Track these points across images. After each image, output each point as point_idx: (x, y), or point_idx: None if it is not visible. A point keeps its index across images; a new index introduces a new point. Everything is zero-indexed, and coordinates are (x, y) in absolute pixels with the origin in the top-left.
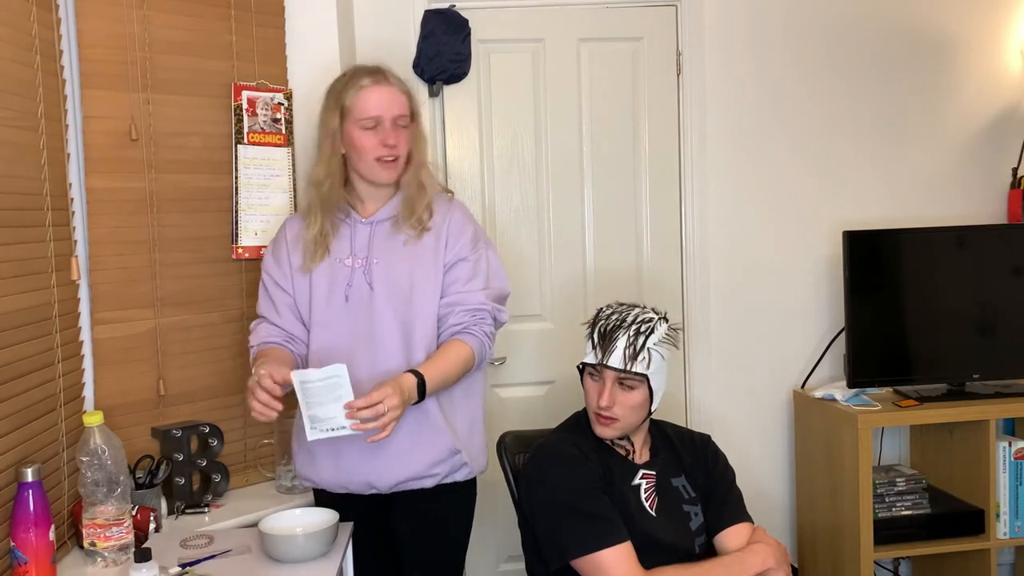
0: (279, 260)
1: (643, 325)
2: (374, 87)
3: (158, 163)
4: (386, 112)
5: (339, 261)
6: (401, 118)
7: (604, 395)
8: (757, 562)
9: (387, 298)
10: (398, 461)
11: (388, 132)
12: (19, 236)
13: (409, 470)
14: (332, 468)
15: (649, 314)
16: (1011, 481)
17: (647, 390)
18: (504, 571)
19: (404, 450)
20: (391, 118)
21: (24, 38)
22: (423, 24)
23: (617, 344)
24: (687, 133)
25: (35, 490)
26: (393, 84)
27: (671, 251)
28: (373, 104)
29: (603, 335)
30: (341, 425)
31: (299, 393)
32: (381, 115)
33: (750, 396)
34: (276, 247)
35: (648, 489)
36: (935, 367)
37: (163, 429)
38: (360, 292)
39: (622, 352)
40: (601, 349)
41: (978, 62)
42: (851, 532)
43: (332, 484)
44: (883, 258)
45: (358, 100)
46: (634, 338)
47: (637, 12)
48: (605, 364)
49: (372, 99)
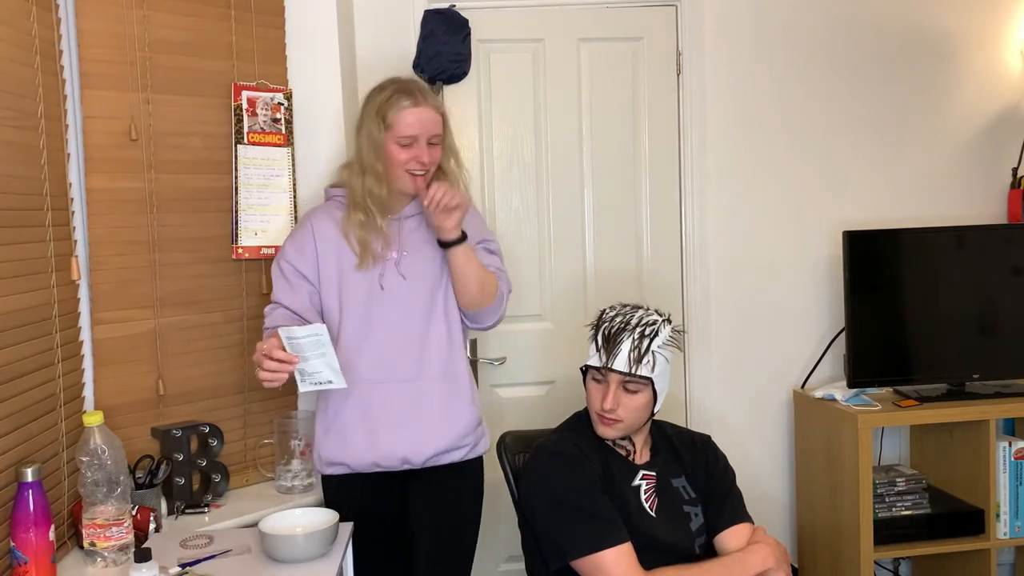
0: (303, 251)
1: (648, 328)
2: (413, 108)
3: (158, 163)
4: (422, 132)
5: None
6: (435, 137)
7: (608, 398)
8: (757, 562)
9: (418, 288)
10: (433, 432)
11: (423, 150)
12: (19, 236)
13: (442, 441)
14: (366, 445)
15: (653, 316)
16: (1011, 481)
17: (651, 392)
18: (504, 571)
19: (436, 422)
20: (427, 136)
21: (24, 38)
22: (423, 24)
23: (622, 347)
24: (687, 133)
25: (35, 490)
26: (431, 105)
27: (671, 251)
28: (413, 125)
29: (607, 338)
30: (328, 379)
31: (287, 349)
32: (418, 134)
33: (750, 396)
34: (301, 239)
35: (648, 490)
36: (935, 367)
37: (163, 429)
38: (393, 282)
39: (627, 355)
40: (606, 352)
41: (978, 62)
42: (851, 532)
43: (364, 463)
44: (883, 258)
45: (399, 118)
46: (639, 341)
47: (637, 12)
48: (610, 368)
49: (412, 119)
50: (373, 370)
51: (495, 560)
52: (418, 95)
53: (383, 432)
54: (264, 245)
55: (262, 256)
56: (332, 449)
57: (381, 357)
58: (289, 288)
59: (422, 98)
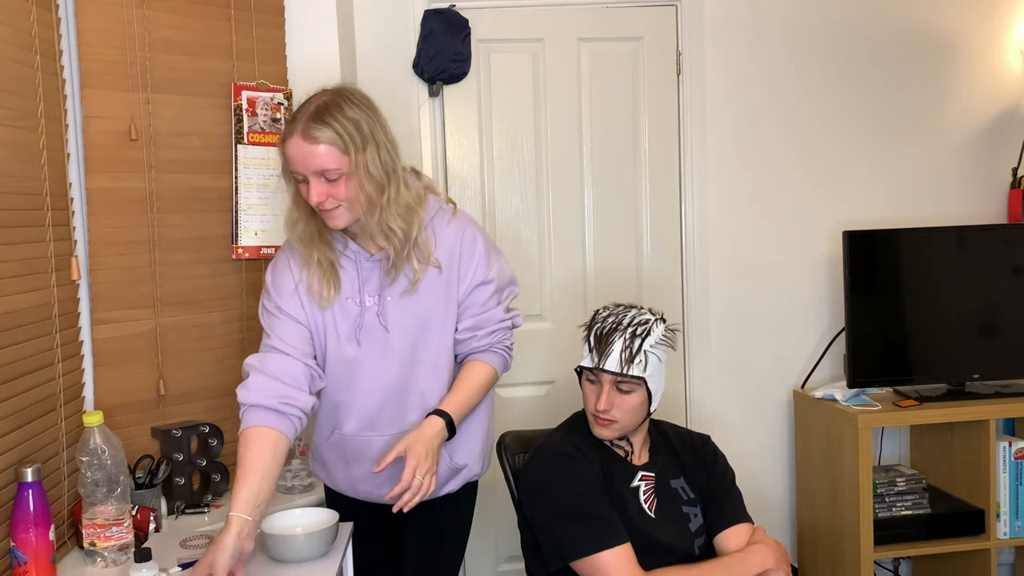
0: (285, 291)
1: (639, 328)
2: (293, 139)
3: (158, 163)
4: (304, 168)
5: (347, 300)
6: (331, 172)
7: (602, 398)
8: (757, 562)
9: (402, 337)
10: None
11: (312, 187)
12: (19, 236)
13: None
14: (347, 487)
15: (646, 315)
16: (1011, 481)
17: (645, 392)
18: (504, 571)
19: None
20: (312, 172)
21: (24, 38)
22: (423, 24)
23: (613, 347)
24: (687, 133)
25: (35, 490)
26: (314, 138)
27: (671, 251)
28: (292, 157)
29: (599, 338)
30: None
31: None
32: (301, 171)
33: (750, 396)
34: (281, 279)
35: (647, 491)
36: (935, 367)
37: (163, 429)
38: (373, 333)
39: (618, 356)
40: (597, 353)
41: (978, 62)
42: (851, 532)
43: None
44: (883, 258)
45: (284, 150)
46: (630, 341)
47: (637, 12)
48: (602, 368)
49: (291, 153)
50: (355, 425)
51: (495, 560)
52: (300, 123)
53: (363, 481)
54: (264, 245)
55: (262, 256)
56: (320, 472)
57: (363, 413)
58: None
59: (305, 126)
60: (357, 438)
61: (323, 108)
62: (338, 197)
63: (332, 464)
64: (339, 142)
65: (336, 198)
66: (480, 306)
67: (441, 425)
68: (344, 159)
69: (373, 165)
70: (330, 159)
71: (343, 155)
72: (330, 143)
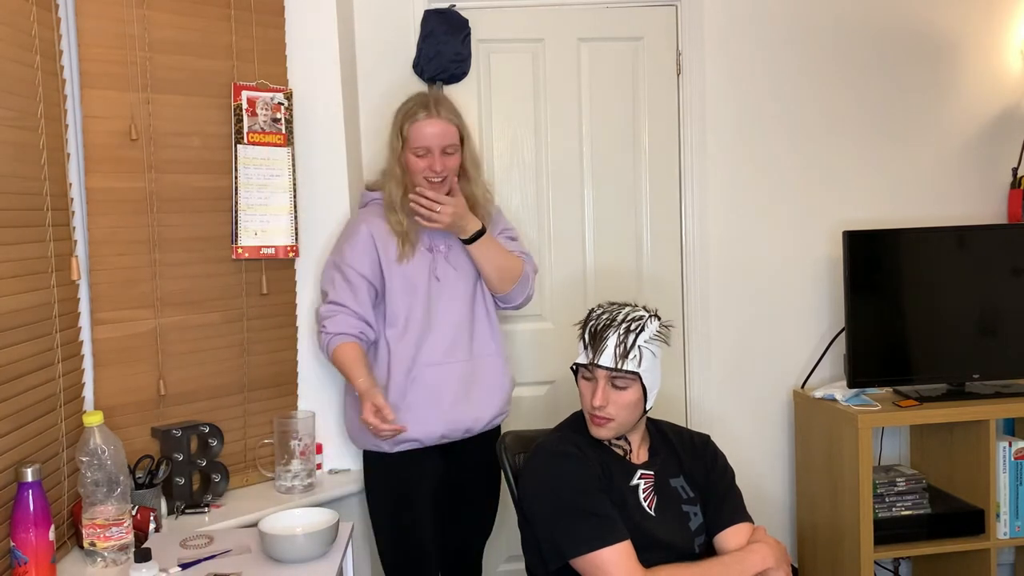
0: (363, 254)
1: (633, 323)
2: (427, 120)
3: (158, 163)
4: (435, 143)
5: (424, 251)
6: (450, 147)
7: (597, 395)
8: (757, 561)
9: (465, 277)
10: (489, 402)
11: (436, 159)
12: (19, 236)
13: (495, 409)
14: (436, 421)
15: (639, 312)
16: (1011, 481)
17: (640, 388)
18: (504, 571)
19: (490, 394)
20: (440, 147)
21: (24, 38)
22: (423, 24)
23: (608, 343)
24: (687, 133)
25: (35, 490)
26: (444, 117)
27: (671, 251)
28: (427, 134)
29: (594, 335)
30: None
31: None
32: (431, 145)
33: (750, 396)
34: (357, 241)
35: (646, 489)
36: (935, 367)
37: (163, 429)
38: (446, 273)
39: (613, 351)
40: (592, 349)
41: (978, 62)
42: (851, 532)
43: (433, 436)
44: (883, 258)
45: (412, 131)
46: (624, 336)
47: (637, 12)
48: (596, 364)
49: (425, 131)
50: (438, 355)
51: (495, 560)
52: (432, 108)
53: (450, 408)
54: (264, 245)
55: (262, 256)
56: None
57: (443, 344)
58: (350, 290)
59: (435, 111)
60: (439, 366)
61: (440, 98)
62: (452, 169)
63: (419, 406)
64: (459, 123)
65: (451, 169)
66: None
67: (478, 224)
68: (460, 138)
69: (473, 145)
70: (454, 135)
71: (460, 134)
72: (454, 124)
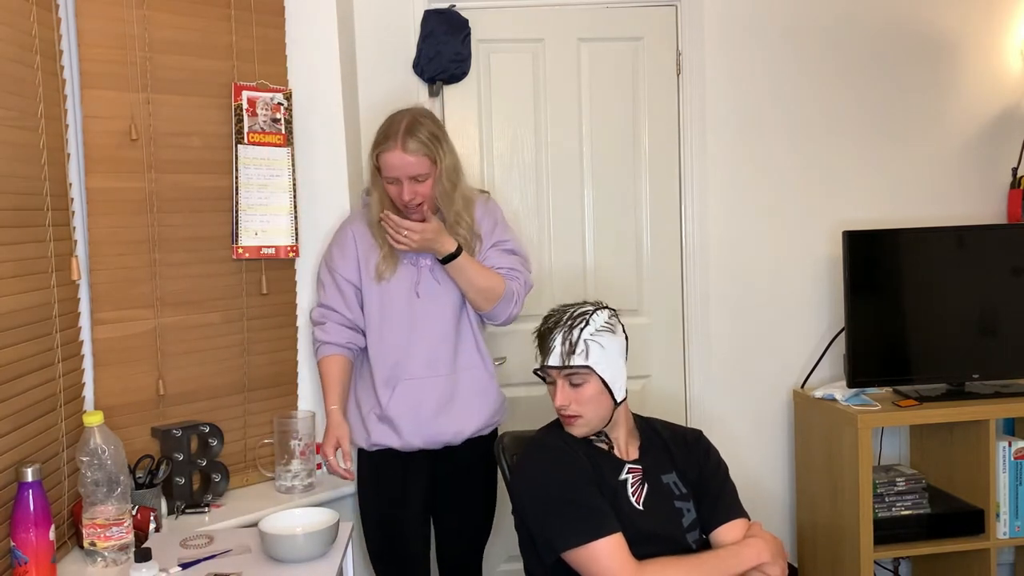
0: (348, 260)
1: (577, 320)
2: (394, 152)
3: (158, 163)
4: (401, 174)
5: (408, 265)
6: (420, 175)
7: (558, 395)
8: (752, 555)
9: (450, 291)
10: (470, 417)
11: (404, 188)
12: (19, 236)
13: (477, 421)
14: (414, 432)
15: (584, 308)
16: (1011, 481)
17: (598, 381)
18: (504, 571)
19: (472, 408)
20: (407, 177)
21: (24, 38)
22: (423, 24)
23: (555, 343)
24: (687, 133)
25: (35, 490)
26: (409, 150)
27: (671, 251)
28: (392, 165)
29: (542, 338)
30: None
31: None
32: (398, 176)
33: (750, 396)
34: (344, 248)
35: (634, 483)
36: (935, 367)
37: (163, 429)
38: (428, 288)
39: (559, 350)
40: (542, 352)
41: (978, 62)
42: (851, 532)
43: (411, 446)
44: (883, 258)
45: (381, 160)
46: (568, 334)
47: (637, 12)
48: (547, 365)
49: (391, 163)
50: (419, 369)
51: (495, 560)
52: (397, 139)
53: (430, 422)
54: (264, 245)
55: (262, 256)
56: (382, 435)
57: (424, 358)
58: (340, 295)
59: (400, 142)
60: (421, 380)
61: (412, 125)
62: (423, 195)
63: (399, 416)
64: (429, 152)
65: (421, 196)
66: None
67: (454, 244)
68: (432, 166)
69: (448, 168)
70: (422, 166)
71: (432, 163)
72: (423, 154)
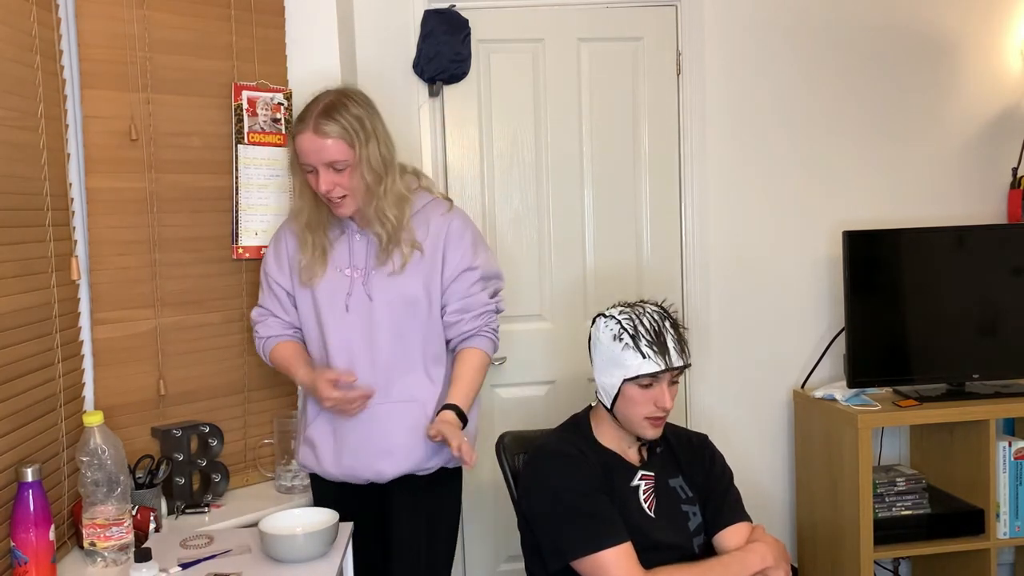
0: (281, 264)
1: (669, 316)
2: (305, 134)
3: (158, 163)
4: (315, 160)
5: (339, 271)
6: (338, 163)
7: (666, 398)
8: (756, 560)
9: (386, 308)
10: (397, 457)
11: (321, 177)
12: (19, 236)
13: (404, 465)
14: (334, 462)
15: (655, 305)
16: (1011, 481)
17: None
18: (504, 571)
19: (400, 447)
20: (322, 164)
21: (24, 38)
22: (423, 24)
23: (670, 343)
24: (687, 133)
25: (35, 490)
26: (322, 133)
27: (671, 251)
28: (305, 150)
29: (654, 340)
30: None
31: None
32: (312, 162)
33: (750, 396)
34: (277, 252)
35: (647, 490)
36: (935, 367)
37: (163, 429)
38: (359, 302)
39: (674, 349)
40: (660, 355)
41: (978, 62)
42: (851, 532)
43: (333, 476)
44: (883, 258)
45: (295, 145)
46: (675, 331)
47: (637, 12)
48: (671, 367)
49: (303, 146)
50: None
51: (495, 560)
52: (311, 120)
53: (348, 454)
54: (264, 245)
55: (262, 256)
56: (306, 457)
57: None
58: (274, 297)
59: (314, 122)
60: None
61: (331, 106)
62: (344, 186)
63: (321, 441)
64: (346, 136)
65: (342, 187)
66: (465, 290)
67: (453, 416)
68: (350, 152)
69: (374, 157)
70: (338, 151)
71: (350, 148)
72: (339, 137)
